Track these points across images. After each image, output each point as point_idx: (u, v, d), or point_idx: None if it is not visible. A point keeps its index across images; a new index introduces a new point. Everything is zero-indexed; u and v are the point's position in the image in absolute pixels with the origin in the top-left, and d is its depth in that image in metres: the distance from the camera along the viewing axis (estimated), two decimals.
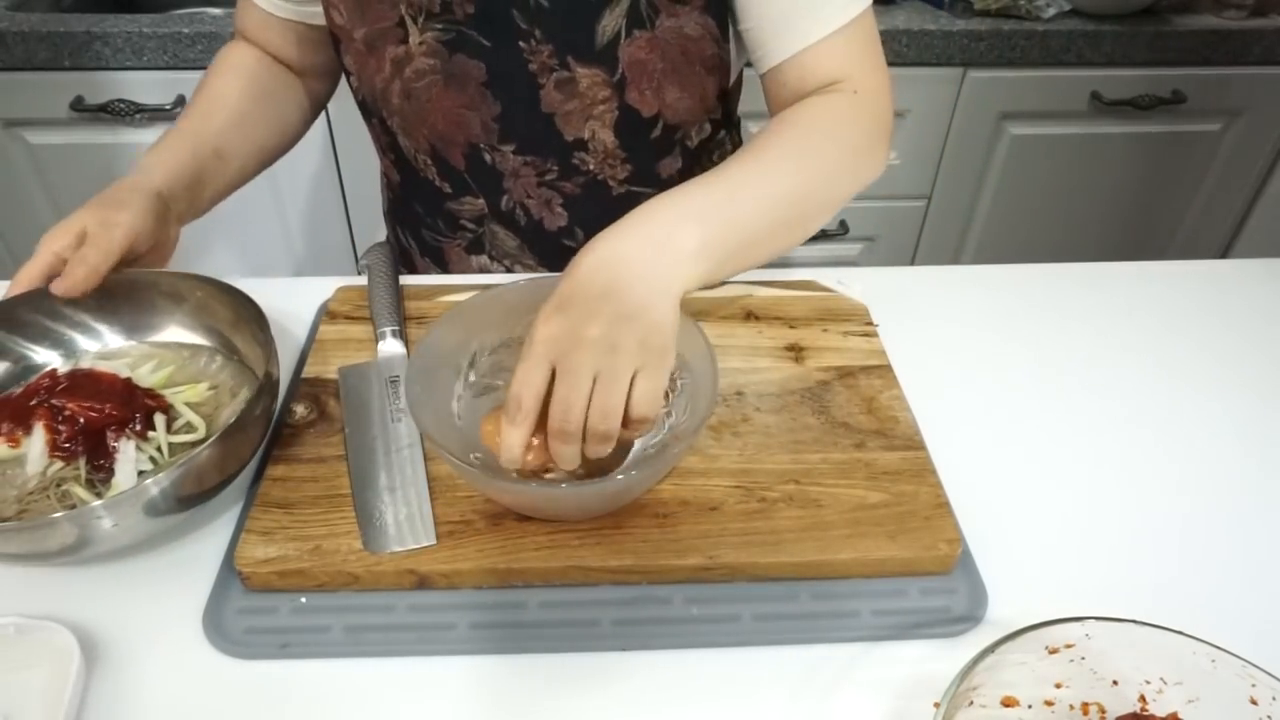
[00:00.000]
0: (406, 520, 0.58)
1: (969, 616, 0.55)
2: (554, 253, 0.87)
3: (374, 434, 0.64)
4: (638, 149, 0.80)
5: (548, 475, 0.56)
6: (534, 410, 0.52)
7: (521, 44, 0.72)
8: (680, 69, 0.74)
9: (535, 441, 0.53)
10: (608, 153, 0.79)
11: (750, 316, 0.76)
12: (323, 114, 0.95)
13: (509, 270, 0.89)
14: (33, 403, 0.60)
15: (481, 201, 0.84)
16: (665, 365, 0.53)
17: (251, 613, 0.54)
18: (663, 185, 0.82)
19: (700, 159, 0.85)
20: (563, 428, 0.51)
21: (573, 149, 0.79)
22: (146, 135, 1.40)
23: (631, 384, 0.51)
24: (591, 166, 0.80)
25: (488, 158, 0.80)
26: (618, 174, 0.81)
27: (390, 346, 0.71)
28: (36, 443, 0.58)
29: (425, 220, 0.89)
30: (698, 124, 0.82)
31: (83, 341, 0.69)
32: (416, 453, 0.62)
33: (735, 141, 0.90)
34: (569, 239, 0.85)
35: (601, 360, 0.51)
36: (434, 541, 0.56)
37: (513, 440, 0.52)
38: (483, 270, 0.90)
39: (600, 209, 0.80)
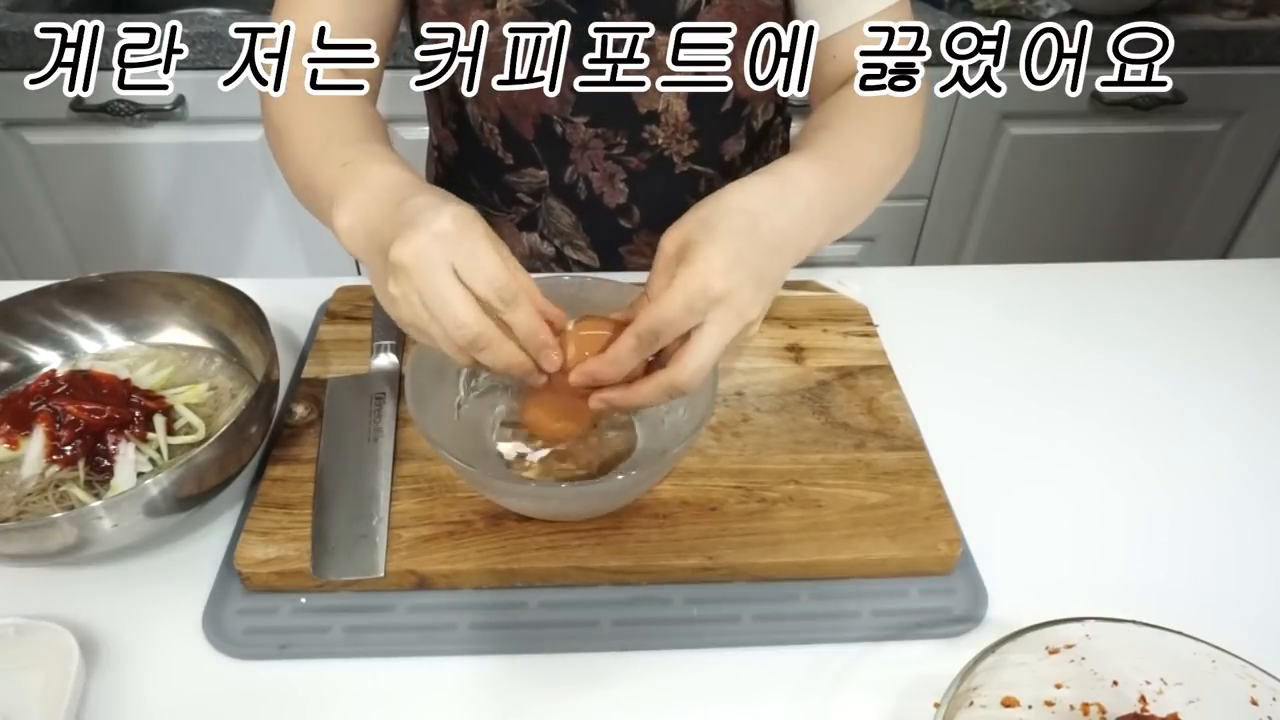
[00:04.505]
0: (358, 550, 0.56)
1: (969, 617, 0.55)
2: (607, 233, 0.87)
3: (348, 454, 0.62)
4: (707, 123, 0.81)
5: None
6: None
7: (605, 13, 0.73)
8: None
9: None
10: (678, 125, 0.80)
11: None
12: None
13: (558, 251, 0.89)
14: (32, 404, 0.60)
15: (544, 173, 0.84)
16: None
17: (251, 613, 0.54)
18: (724, 167, 0.85)
19: (760, 143, 0.87)
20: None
21: (644, 121, 0.80)
22: (147, 135, 1.40)
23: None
24: (660, 140, 0.81)
25: (558, 129, 0.80)
26: (683, 150, 0.82)
27: (383, 361, 0.70)
28: (35, 445, 0.58)
29: (480, 194, 0.89)
30: (764, 102, 0.84)
31: (82, 342, 0.69)
32: (386, 477, 0.60)
33: (787, 125, 0.92)
34: (625, 218, 0.86)
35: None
36: (380, 574, 0.55)
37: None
38: (532, 250, 0.90)
39: (661, 187, 0.83)
